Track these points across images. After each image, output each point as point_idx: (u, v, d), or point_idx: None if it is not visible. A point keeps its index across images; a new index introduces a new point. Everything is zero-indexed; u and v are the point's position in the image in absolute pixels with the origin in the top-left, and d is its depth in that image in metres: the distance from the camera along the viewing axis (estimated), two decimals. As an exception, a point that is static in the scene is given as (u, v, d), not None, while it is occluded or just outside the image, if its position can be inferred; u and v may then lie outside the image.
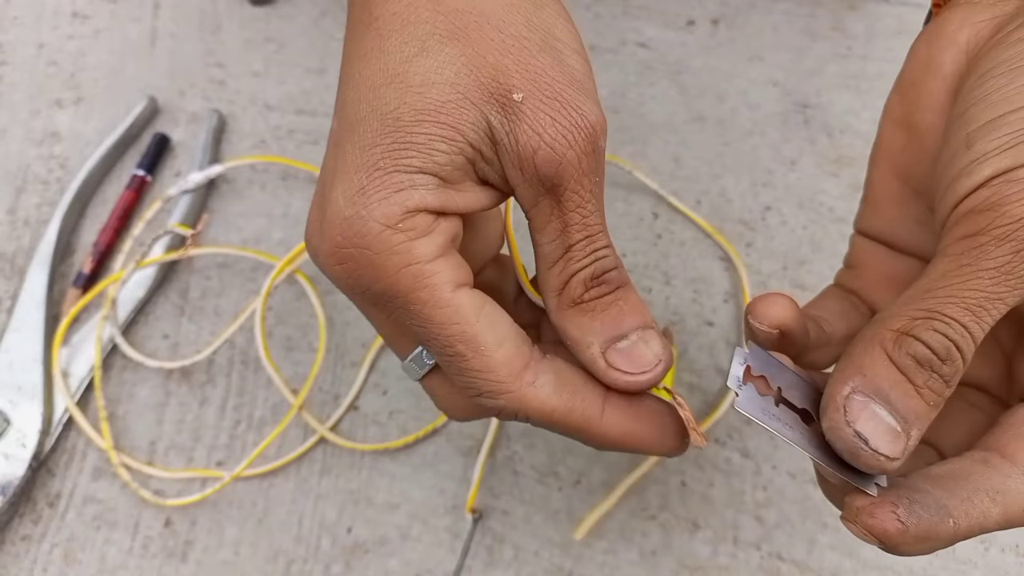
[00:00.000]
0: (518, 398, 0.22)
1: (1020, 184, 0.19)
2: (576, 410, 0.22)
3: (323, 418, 0.38)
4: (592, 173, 0.21)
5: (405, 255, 0.21)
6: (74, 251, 0.43)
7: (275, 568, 0.35)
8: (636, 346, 0.22)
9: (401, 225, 0.21)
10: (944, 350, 0.19)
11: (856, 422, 0.20)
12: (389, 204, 0.20)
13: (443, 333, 0.21)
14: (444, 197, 0.21)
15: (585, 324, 0.23)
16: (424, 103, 0.21)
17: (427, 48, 0.21)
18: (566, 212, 0.22)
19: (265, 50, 0.49)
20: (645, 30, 0.49)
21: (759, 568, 0.35)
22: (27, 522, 0.36)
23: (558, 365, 0.23)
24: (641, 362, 0.22)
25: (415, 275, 0.21)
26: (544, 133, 0.21)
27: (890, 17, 0.50)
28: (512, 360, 0.22)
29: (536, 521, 0.36)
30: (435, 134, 0.21)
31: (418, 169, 0.21)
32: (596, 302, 0.23)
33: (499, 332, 0.22)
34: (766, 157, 0.45)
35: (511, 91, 0.21)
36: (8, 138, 0.47)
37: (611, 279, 0.23)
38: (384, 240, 0.20)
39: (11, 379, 0.38)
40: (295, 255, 0.39)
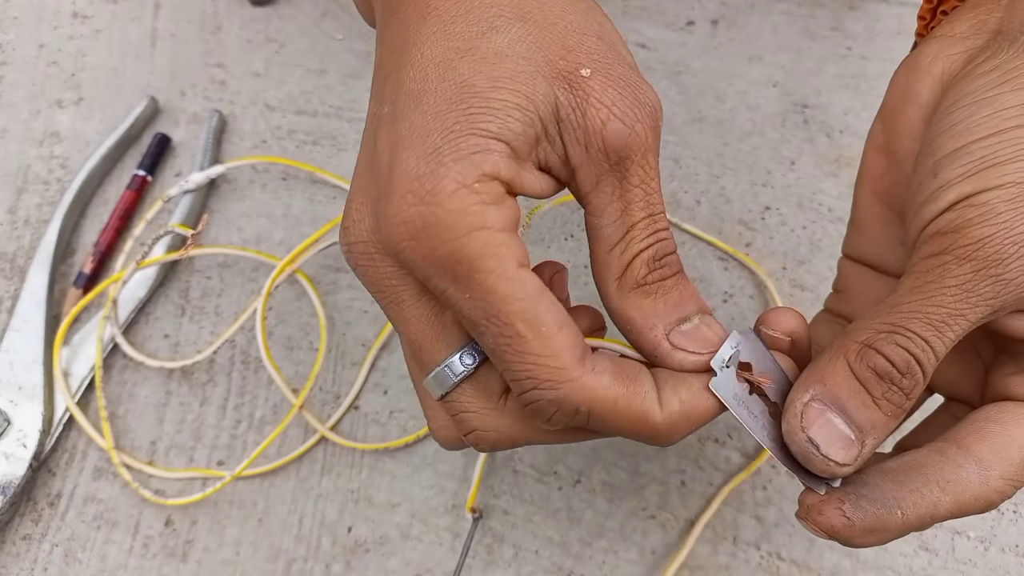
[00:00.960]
0: (581, 385, 0.21)
1: (981, 208, 0.20)
2: (637, 396, 0.21)
3: (324, 418, 0.38)
4: (656, 150, 0.22)
5: (478, 217, 0.20)
6: (75, 251, 0.43)
7: (275, 567, 0.35)
8: (699, 328, 0.22)
9: (477, 186, 0.20)
10: (904, 364, 0.20)
11: (810, 428, 0.21)
12: (466, 164, 0.20)
13: (504, 309, 0.20)
14: (516, 170, 0.21)
15: (647, 307, 0.22)
16: (499, 71, 0.20)
17: (496, 26, 0.21)
18: (629, 189, 0.21)
19: (266, 50, 0.49)
20: (645, 30, 0.50)
21: (759, 567, 0.35)
22: (27, 522, 0.36)
23: (612, 356, 0.22)
24: (708, 342, 0.22)
25: (486, 241, 0.20)
26: (613, 106, 0.21)
27: (890, 17, 0.50)
28: (574, 346, 0.21)
29: (536, 520, 0.36)
30: (510, 101, 0.20)
31: (494, 135, 0.20)
32: (659, 284, 0.22)
33: (561, 317, 0.21)
34: (765, 157, 0.45)
35: (579, 67, 0.21)
36: (8, 138, 0.47)
37: (672, 262, 0.22)
38: (459, 199, 0.20)
39: (12, 379, 0.38)
40: (296, 255, 0.39)
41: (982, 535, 0.35)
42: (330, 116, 0.47)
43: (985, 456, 0.22)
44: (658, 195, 0.22)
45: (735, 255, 0.42)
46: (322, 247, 0.41)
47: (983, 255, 0.20)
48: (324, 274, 0.42)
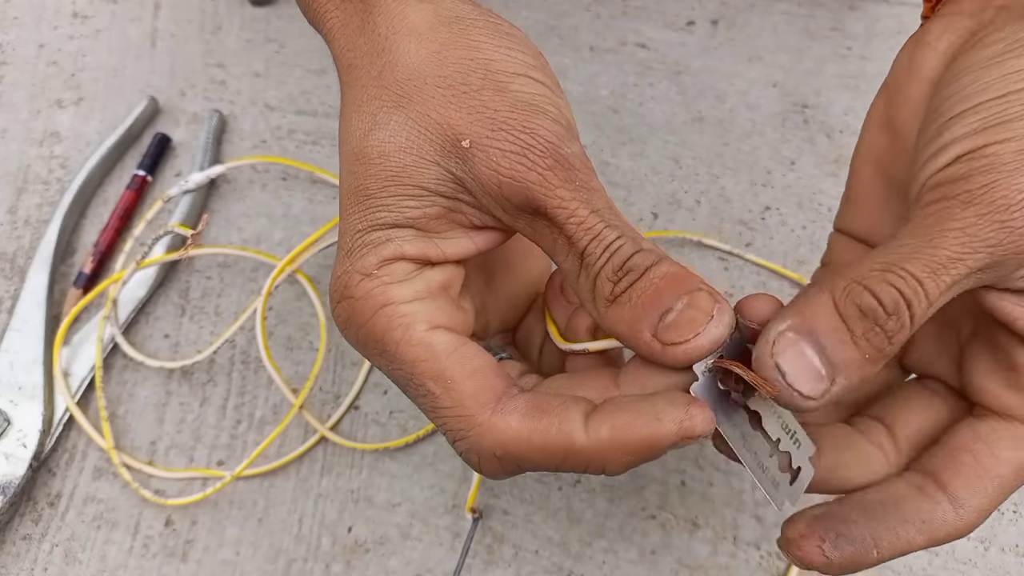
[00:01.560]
0: (488, 428, 0.21)
1: (988, 159, 0.20)
2: (552, 426, 0.21)
3: (324, 418, 0.38)
4: (567, 181, 0.21)
5: (380, 298, 0.22)
6: (75, 251, 0.43)
7: (275, 567, 0.35)
8: (681, 314, 0.21)
9: (377, 272, 0.22)
10: (893, 303, 0.19)
11: (780, 355, 0.20)
12: (367, 257, 0.22)
13: (414, 371, 0.22)
14: (424, 246, 0.22)
15: (628, 316, 0.22)
16: (386, 172, 0.22)
17: (378, 122, 0.22)
18: (562, 225, 0.21)
19: (266, 50, 0.49)
20: (645, 31, 0.50)
21: (758, 567, 0.35)
22: (27, 522, 0.36)
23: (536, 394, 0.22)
24: (692, 325, 0.21)
25: (388, 316, 0.22)
26: (499, 167, 0.21)
27: (889, 17, 0.50)
28: (480, 392, 0.21)
29: (536, 520, 0.36)
30: (401, 194, 0.22)
31: (392, 224, 0.22)
32: (629, 291, 0.22)
33: (470, 367, 0.22)
34: (765, 157, 0.45)
35: (459, 139, 0.21)
36: (9, 138, 0.47)
37: (636, 264, 0.21)
38: (362, 287, 0.22)
39: (12, 379, 0.38)
40: (296, 255, 0.39)
41: (982, 535, 0.35)
42: (330, 116, 0.47)
43: (960, 493, 0.22)
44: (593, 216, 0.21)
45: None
46: (322, 247, 0.41)
47: (988, 199, 0.19)
48: (324, 274, 0.42)
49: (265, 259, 0.41)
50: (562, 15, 0.50)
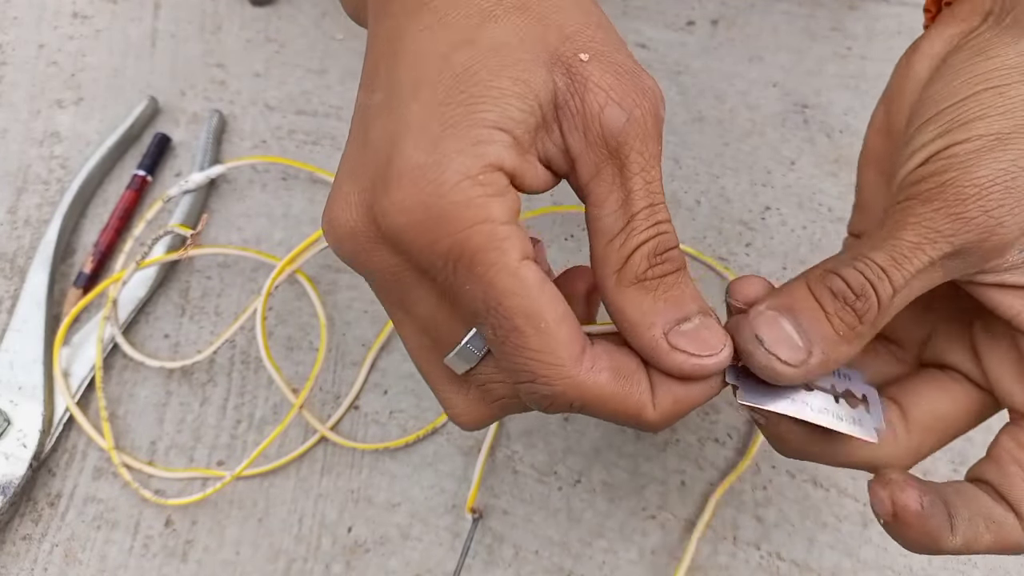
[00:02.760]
0: (577, 384, 0.21)
1: (948, 159, 0.21)
2: (632, 395, 0.21)
3: (324, 418, 0.38)
4: (657, 138, 0.21)
5: (482, 210, 0.20)
6: (75, 251, 0.43)
7: (275, 567, 0.35)
8: (700, 330, 0.21)
9: (481, 178, 0.20)
10: (859, 286, 0.21)
11: (759, 327, 0.22)
12: (469, 155, 0.20)
13: (505, 303, 0.20)
14: (516, 161, 0.21)
15: (647, 304, 0.21)
16: (498, 61, 0.20)
17: (494, 15, 0.21)
18: (630, 177, 0.21)
19: (266, 50, 0.49)
20: (645, 31, 0.50)
21: (758, 567, 0.35)
22: (27, 522, 0.36)
23: (610, 350, 0.22)
24: (707, 345, 0.21)
25: (489, 234, 0.20)
26: (611, 90, 0.20)
27: (889, 17, 0.50)
28: (573, 342, 0.21)
29: (536, 520, 0.36)
30: (510, 90, 0.20)
31: (495, 124, 0.20)
32: (659, 281, 0.22)
33: (561, 310, 0.21)
34: (765, 157, 0.45)
35: (577, 52, 0.21)
36: (9, 138, 0.47)
37: (674, 257, 0.22)
38: (462, 191, 0.19)
39: (12, 379, 0.38)
40: (296, 255, 0.39)
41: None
42: (330, 116, 0.47)
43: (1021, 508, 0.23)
44: (658, 184, 0.21)
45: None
46: (322, 247, 0.41)
47: (944, 195, 0.21)
48: (324, 274, 0.42)
49: (265, 259, 0.41)
50: (562, 15, 0.50)
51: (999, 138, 0.21)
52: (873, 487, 0.22)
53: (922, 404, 0.25)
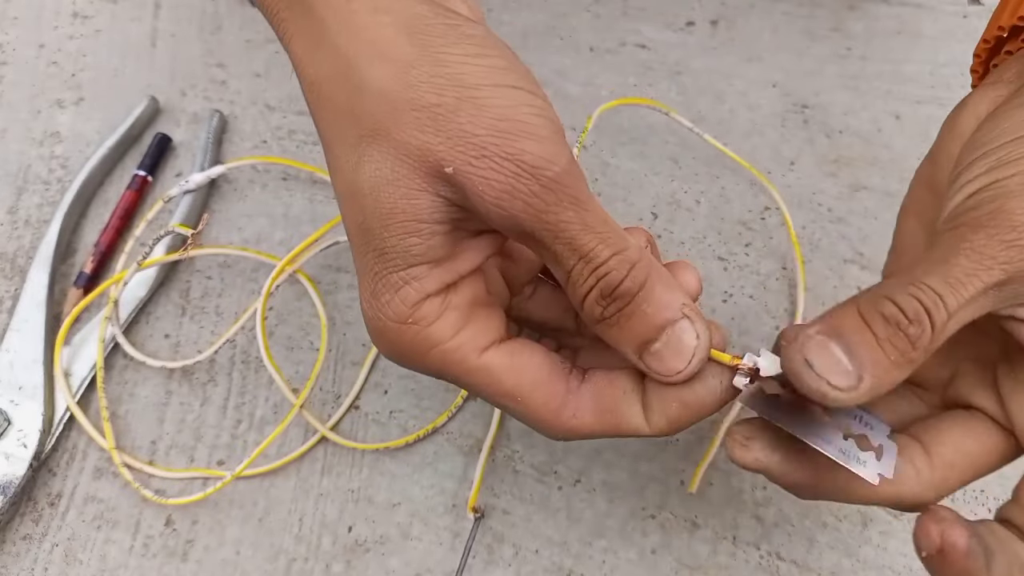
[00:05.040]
0: (567, 431, 0.24)
1: (996, 190, 0.22)
2: (622, 424, 0.24)
3: (324, 417, 0.38)
4: (555, 204, 0.21)
5: (425, 343, 0.23)
6: (75, 251, 0.43)
7: (276, 567, 0.35)
8: (665, 348, 0.23)
9: (411, 319, 0.23)
10: (914, 312, 0.21)
11: (808, 352, 0.21)
12: (395, 306, 0.23)
13: (486, 393, 0.24)
14: (442, 274, 0.23)
15: (614, 336, 0.23)
16: (381, 209, 0.22)
17: (361, 155, 0.22)
18: (550, 246, 0.22)
19: (266, 51, 0.50)
20: (645, 31, 0.50)
21: (758, 567, 0.35)
22: (28, 521, 0.36)
23: (596, 388, 0.24)
24: (674, 363, 0.23)
25: (440, 357, 0.23)
26: (485, 196, 0.21)
27: (889, 18, 0.50)
28: (548, 403, 0.24)
29: (536, 520, 0.36)
30: (402, 232, 0.22)
31: (406, 265, 0.23)
32: (617, 316, 0.23)
33: (529, 380, 0.24)
34: (765, 157, 0.45)
35: (442, 167, 0.21)
36: (9, 138, 0.47)
37: (623, 292, 0.22)
38: (403, 335, 0.23)
39: (12, 379, 0.38)
40: (296, 255, 0.39)
41: None
42: (330, 116, 0.47)
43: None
44: (583, 234, 0.22)
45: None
46: (322, 247, 0.41)
47: (995, 222, 0.21)
48: (325, 274, 0.42)
49: (266, 259, 0.42)
50: (562, 16, 0.50)
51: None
52: (924, 522, 0.22)
53: (946, 442, 0.25)
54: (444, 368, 0.24)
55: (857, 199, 0.44)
